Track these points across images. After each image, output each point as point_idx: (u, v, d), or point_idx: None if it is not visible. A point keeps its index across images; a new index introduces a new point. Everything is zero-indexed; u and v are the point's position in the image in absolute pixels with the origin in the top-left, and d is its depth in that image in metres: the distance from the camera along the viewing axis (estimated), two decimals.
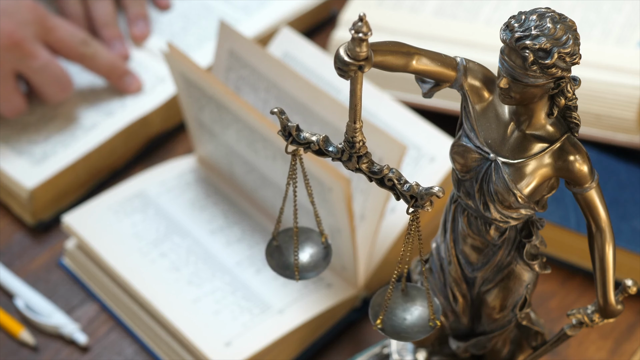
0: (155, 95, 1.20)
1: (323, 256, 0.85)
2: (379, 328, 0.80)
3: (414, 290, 0.81)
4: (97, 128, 1.17)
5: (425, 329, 0.80)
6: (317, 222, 0.84)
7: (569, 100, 0.75)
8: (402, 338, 0.80)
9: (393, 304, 0.80)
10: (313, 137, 0.76)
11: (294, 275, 0.84)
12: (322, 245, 0.85)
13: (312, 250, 0.85)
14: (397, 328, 0.80)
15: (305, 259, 0.85)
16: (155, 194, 1.13)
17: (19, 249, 1.13)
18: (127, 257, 1.07)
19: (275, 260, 0.85)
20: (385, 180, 0.75)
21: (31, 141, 1.16)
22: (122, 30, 1.24)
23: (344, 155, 0.76)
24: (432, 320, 0.80)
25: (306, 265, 0.84)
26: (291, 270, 0.84)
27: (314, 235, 0.85)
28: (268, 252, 0.85)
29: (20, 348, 1.06)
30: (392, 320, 0.80)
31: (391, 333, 0.80)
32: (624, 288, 0.81)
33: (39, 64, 1.14)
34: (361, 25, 0.68)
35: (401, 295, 0.81)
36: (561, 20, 0.73)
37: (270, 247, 0.85)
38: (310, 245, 0.85)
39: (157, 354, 1.05)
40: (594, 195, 0.78)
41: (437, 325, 0.79)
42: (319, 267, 0.84)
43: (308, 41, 1.16)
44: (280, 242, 0.85)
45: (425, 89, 0.78)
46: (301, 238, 0.85)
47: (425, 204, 0.74)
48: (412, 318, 0.80)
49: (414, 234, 0.76)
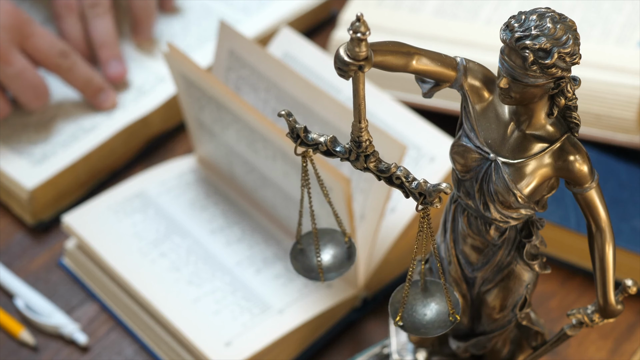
0: (155, 95, 1.20)
1: (347, 256, 0.85)
2: (399, 325, 0.79)
3: (433, 285, 0.81)
4: (97, 128, 1.17)
5: (445, 323, 0.79)
6: (337, 222, 0.84)
7: (569, 100, 0.75)
8: (422, 333, 0.80)
9: (412, 299, 0.80)
10: (321, 138, 0.77)
11: (319, 277, 0.84)
12: (346, 245, 0.85)
13: (335, 250, 0.85)
14: (417, 324, 0.80)
15: (329, 260, 0.85)
16: (155, 194, 1.13)
17: (19, 249, 1.13)
18: (127, 257, 1.07)
19: (300, 263, 0.85)
20: (394, 179, 0.75)
21: (31, 141, 1.16)
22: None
23: (351, 155, 0.76)
24: (451, 314, 0.79)
25: (330, 265, 0.85)
26: (316, 272, 0.84)
27: (337, 236, 0.86)
28: (293, 256, 0.85)
29: (20, 348, 1.06)
30: (412, 316, 0.80)
31: (411, 329, 0.80)
32: (624, 288, 0.81)
33: (13, 70, 1.13)
34: (359, 25, 0.68)
35: (420, 291, 0.81)
36: (561, 20, 0.73)
37: (295, 250, 0.85)
38: (333, 245, 0.85)
39: (157, 354, 1.05)
40: (594, 195, 0.78)
41: (457, 320, 0.79)
42: (344, 266, 0.85)
43: (308, 41, 1.16)
44: (304, 245, 0.85)
45: (425, 89, 0.78)
46: (325, 239, 0.85)
47: (434, 200, 0.74)
48: (432, 314, 0.80)
49: (426, 230, 0.76)
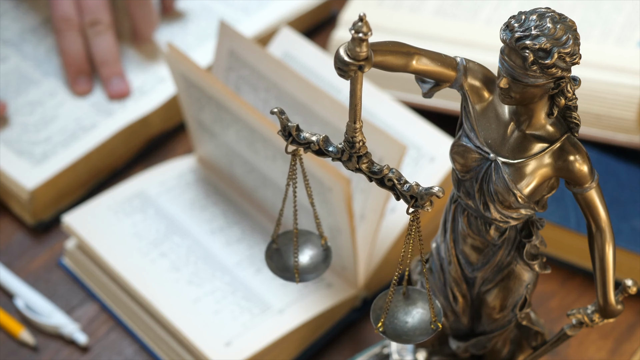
0: (155, 96, 1.20)
1: (323, 258, 0.85)
2: (381, 331, 0.80)
3: (415, 293, 0.81)
4: (97, 128, 1.17)
5: (426, 331, 0.79)
6: (316, 223, 0.84)
7: (569, 100, 0.75)
8: (403, 341, 0.80)
9: (394, 306, 0.80)
10: (313, 137, 0.76)
11: (294, 278, 0.84)
12: (322, 247, 0.85)
13: (311, 252, 0.85)
14: (398, 331, 0.80)
15: (305, 261, 0.85)
16: (155, 194, 1.13)
17: (19, 249, 1.13)
18: (127, 257, 1.07)
19: (275, 263, 0.85)
20: (385, 181, 0.75)
21: (31, 141, 1.16)
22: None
23: (344, 155, 0.76)
24: (433, 322, 0.80)
25: (306, 267, 0.85)
26: (291, 272, 0.84)
27: (314, 238, 0.85)
28: (268, 255, 0.85)
29: (20, 348, 1.06)
30: (394, 323, 0.80)
31: (393, 336, 0.80)
32: (624, 288, 0.81)
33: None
34: (361, 25, 0.68)
35: (402, 298, 0.81)
36: (561, 20, 0.73)
37: (270, 249, 0.85)
38: (310, 247, 0.85)
39: (157, 354, 1.05)
40: (594, 195, 0.78)
41: (438, 328, 0.79)
42: (319, 269, 0.85)
43: (308, 41, 1.16)
44: (279, 245, 0.85)
45: (425, 89, 0.78)
46: (300, 240, 0.85)
47: (425, 204, 0.74)
48: (414, 321, 0.80)
49: (415, 234, 0.76)
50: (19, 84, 1.21)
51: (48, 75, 1.22)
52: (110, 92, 1.19)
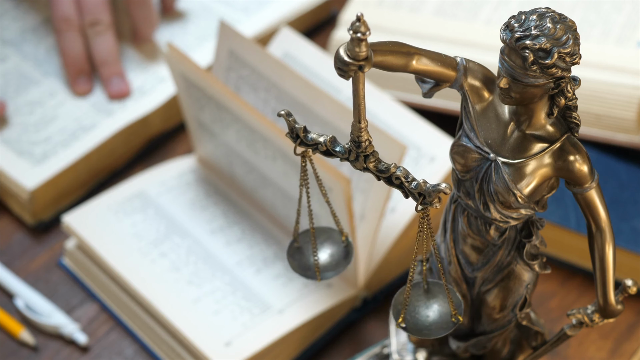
0: (155, 95, 1.20)
1: (344, 255, 0.85)
2: (402, 327, 0.79)
3: (435, 287, 0.81)
4: (97, 128, 1.17)
5: (447, 325, 0.79)
6: (335, 221, 0.84)
7: (569, 100, 0.75)
8: (424, 335, 0.80)
9: (415, 301, 0.80)
10: (320, 138, 0.77)
11: (315, 276, 0.84)
12: (343, 244, 0.85)
13: (332, 249, 0.85)
14: (419, 325, 0.80)
15: (326, 259, 0.85)
16: (155, 194, 1.13)
17: (19, 249, 1.13)
18: (127, 257, 1.07)
19: (297, 262, 0.85)
20: (393, 179, 0.75)
21: (31, 141, 1.16)
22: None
23: (351, 155, 0.76)
24: (454, 315, 0.79)
25: (327, 265, 0.85)
26: (312, 270, 0.84)
27: (335, 235, 0.86)
28: (289, 254, 0.85)
29: (20, 348, 1.06)
30: (415, 318, 0.80)
31: (414, 330, 0.80)
32: (624, 288, 0.81)
33: None
34: (359, 25, 0.68)
35: (423, 292, 0.81)
36: (561, 20, 0.73)
37: (292, 248, 0.85)
38: (330, 244, 0.85)
39: (157, 354, 1.05)
40: (594, 195, 0.78)
41: (459, 321, 0.79)
42: (340, 266, 0.85)
43: (308, 41, 1.16)
44: (301, 243, 0.85)
45: (425, 89, 0.78)
46: (322, 238, 0.85)
47: (433, 200, 0.74)
48: (435, 315, 0.80)
49: (426, 230, 0.76)
50: (19, 84, 1.21)
51: (48, 75, 1.22)
52: (111, 92, 1.19)
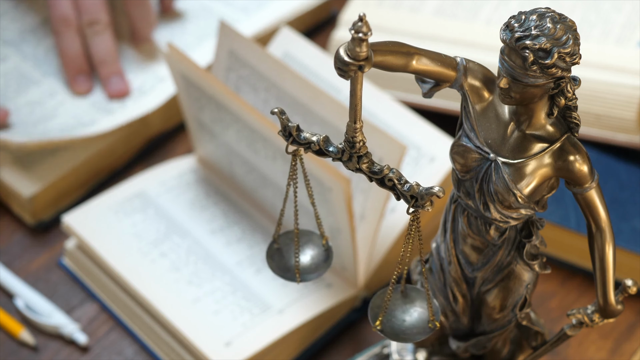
0: (155, 95, 1.20)
1: (324, 258, 0.85)
2: (379, 329, 0.80)
3: (414, 292, 0.81)
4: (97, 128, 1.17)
5: (424, 330, 0.80)
6: (317, 223, 0.84)
7: (569, 100, 0.75)
8: (401, 339, 0.80)
9: (392, 305, 0.80)
10: (313, 137, 0.76)
11: (294, 278, 0.84)
12: (323, 247, 0.85)
13: (313, 252, 0.85)
14: (396, 329, 0.80)
15: (306, 261, 0.85)
16: (155, 194, 1.13)
17: (19, 249, 1.13)
18: (127, 257, 1.07)
19: (276, 263, 0.85)
20: (386, 181, 0.75)
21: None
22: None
23: (344, 156, 0.76)
24: (431, 321, 0.80)
25: (307, 267, 0.85)
26: (292, 272, 0.84)
27: (315, 238, 0.85)
28: (269, 255, 0.85)
29: (20, 348, 1.06)
30: (392, 321, 0.80)
31: (390, 334, 0.80)
32: (624, 288, 0.81)
33: None
34: (361, 25, 0.68)
35: (401, 297, 0.81)
36: (561, 20, 0.73)
37: (271, 249, 0.85)
38: (311, 247, 0.85)
39: (157, 354, 1.05)
40: (594, 195, 0.78)
41: (436, 327, 0.79)
42: (320, 269, 0.85)
43: (308, 41, 1.16)
44: (281, 245, 0.85)
45: (425, 89, 0.78)
46: (302, 240, 0.85)
47: (425, 204, 0.74)
48: (412, 319, 0.80)
49: (415, 234, 0.76)
50: (19, 84, 1.21)
51: (48, 75, 1.22)
52: (110, 92, 1.19)
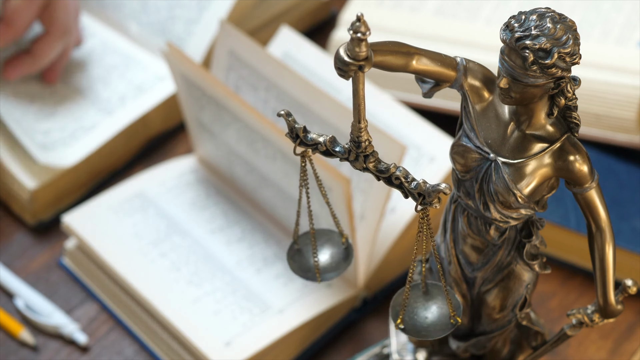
0: (155, 94, 1.20)
1: (344, 256, 0.85)
2: (400, 328, 0.79)
3: (434, 289, 0.81)
4: (97, 128, 1.17)
5: (446, 326, 0.79)
6: (335, 222, 0.84)
7: (569, 100, 0.75)
8: (423, 336, 0.80)
9: (413, 302, 0.80)
10: (320, 138, 0.77)
11: (315, 278, 0.84)
12: (343, 245, 0.85)
13: (332, 251, 0.85)
14: (418, 327, 0.80)
15: (326, 260, 0.85)
16: (155, 194, 1.13)
17: (19, 249, 1.13)
18: (127, 257, 1.07)
19: (297, 264, 0.85)
20: (393, 179, 0.75)
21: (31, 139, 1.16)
22: None
23: (350, 155, 0.76)
24: (452, 317, 0.79)
25: (327, 266, 0.85)
26: (312, 272, 0.84)
27: (335, 236, 0.86)
28: (289, 256, 0.85)
29: (20, 348, 1.06)
30: (414, 319, 0.80)
31: (412, 332, 0.80)
32: (624, 288, 0.81)
33: None
34: (359, 25, 0.68)
35: (421, 294, 0.81)
36: (561, 20, 0.73)
37: (292, 250, 0.85)
38: (330, 246, 0.86)
39: (157, 354, 1.05)
40: (594, 195, 0.78)
41: (457, 323, 0.79)
42: (340, 267, 0.85)
43: (308, 41, 1.16)
44: (301, 245, 0.85)
45: (425, 89, 0.78)
46: (322, 239, 0.85)
47: (433, 201, 0.74)
48: (433, 316, 0.80)
49: (426, 230, 0.76)
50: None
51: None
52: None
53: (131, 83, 1.21)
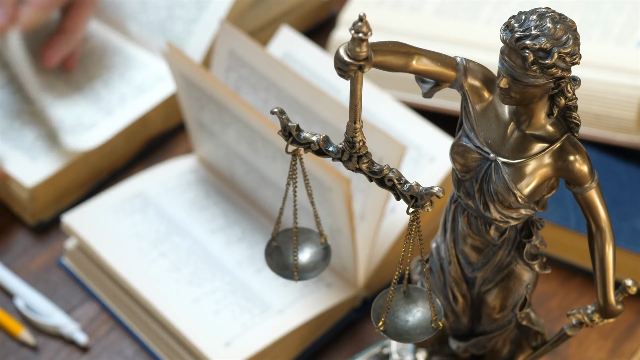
0: (155, 94, 1.20)
1: (322, 257, 0.85)
2: (382, 330, 0.80)
3: (416, 292, 0.81)
4: (97, 128, 1.17)
5: (427, 330, 0.79)
6: (316, 222, 0.84)
7: (569, 100, 0.75)
8: (404, 340, 0.80)
9: (395, 305, 0.80)
10: (313, 137, 0.77)
11: (293, 276, 0.84)
12: (322, 245, 0.85)
13: (311, 250, 0.85)
14: (399, 330, 0.80)
15: (304, 260, 0.85)
16: (155, 194, 1.13)
17: (19, 249, 1.13)
18: (127, 257, 1.07)
19: (275, 261, 0.85)
20: (386, 181, 0.75)
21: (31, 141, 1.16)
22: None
23: (344, 155, 0.76)
24: (434, 321, 0.80)
25: (305, 265, 0.85)
26: (290, 270, 0.84)
27: (314, 236, 0.86)
28: (267, 253, 0.85)
29: (20, 348, 1.06)
30: (395, 322, 0.80)
31: (393, 335, 0.80)
32: (624, 288, 0.81)
33: None
34: (361, 25, 0.68)
35: (403, 297, 0.81)
36: (561, 20, 0.73)
37: (270, 247, 0.85)
38: (309, 245, 0.85)
39: (157, 354, 1.05)
40: (594, 195, 0.78)
41: (439, 327, 0.79)
42: (319, 267, 0.85)
43: (308, 41, 1.16)
44: (279, 243, 0.85)
45: (425, 89, 0.78)
46: (301, 239, 0.85)
47: (425, 204, 0.74)
48: (414, 320, 0.80)
49: (415, 234, 0.76)
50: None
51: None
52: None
53: (131, 83, 1.21)
